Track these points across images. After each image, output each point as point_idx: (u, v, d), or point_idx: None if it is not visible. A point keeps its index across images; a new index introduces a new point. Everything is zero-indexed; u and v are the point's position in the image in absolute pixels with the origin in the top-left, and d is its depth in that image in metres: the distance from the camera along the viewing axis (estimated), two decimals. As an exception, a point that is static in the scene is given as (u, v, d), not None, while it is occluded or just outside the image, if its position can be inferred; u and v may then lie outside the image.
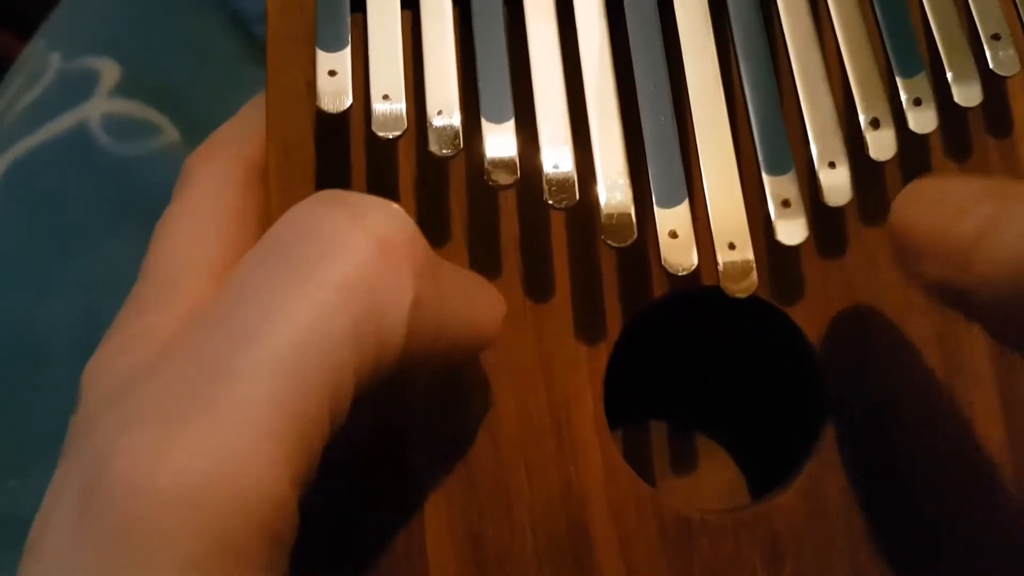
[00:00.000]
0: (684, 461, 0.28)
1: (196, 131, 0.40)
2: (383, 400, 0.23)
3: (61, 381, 0.33)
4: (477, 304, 0.21)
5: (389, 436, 0.23)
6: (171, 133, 0.40)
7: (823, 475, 0.23)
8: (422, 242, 0.19)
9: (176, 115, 0.40)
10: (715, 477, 0.27)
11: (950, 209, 0.18)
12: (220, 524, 0.16)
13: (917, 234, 0.19)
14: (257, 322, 0.17)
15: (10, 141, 0.40)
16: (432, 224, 0.23)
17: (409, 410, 0.23)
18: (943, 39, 0.23)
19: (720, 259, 0.22)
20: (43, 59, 0.42)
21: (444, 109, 0.22)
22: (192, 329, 0.18)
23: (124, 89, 0.40)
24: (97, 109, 0.40)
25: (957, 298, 0.19)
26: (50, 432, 0.24)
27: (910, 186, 0.20)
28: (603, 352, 0.23)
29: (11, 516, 0.32)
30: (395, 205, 0.19)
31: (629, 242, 0.22)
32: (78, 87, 0.40)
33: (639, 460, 0.27)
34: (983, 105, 0.23)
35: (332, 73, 0.22)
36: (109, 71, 0.41)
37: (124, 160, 0.38)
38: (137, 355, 0.21)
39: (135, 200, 0.37)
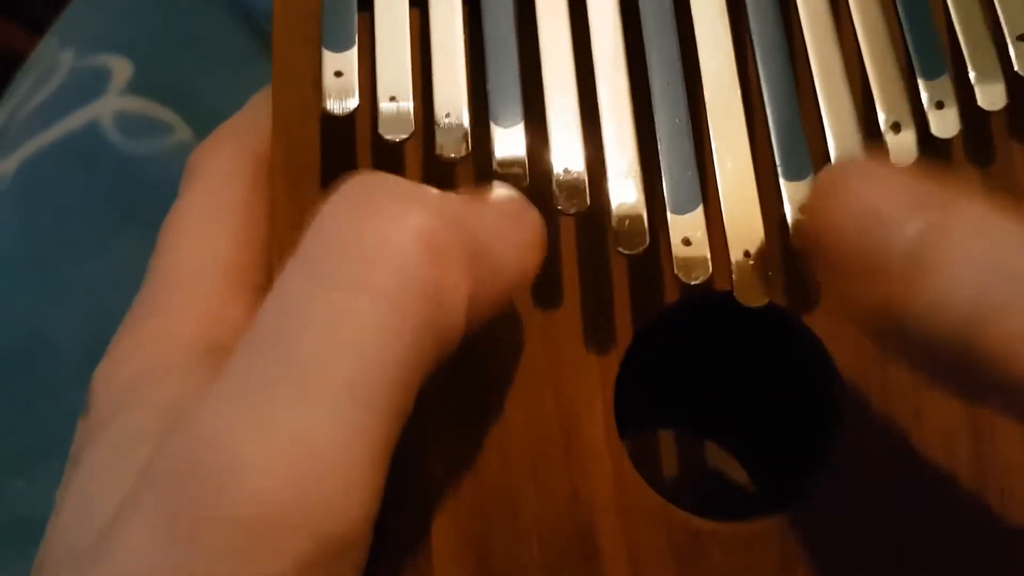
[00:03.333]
0: (695, 470, 0.27)
1: (208, 129, 0.39)
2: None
3: (69, 382, 0.33)
4: (520, 239, 0.20)
5: (397, 444, 0.22)
6: (183, 131, 0.40)
7: (837, 486, 0.23)
8: (464, 227, 0.18)
9: (188, 113, 0.40)
10: (726, 487, 0.27)
11: (878, 220, 0.16)
12: (299, 543, 0.16)
13: (841, 254, 0.17)
14: (321, 350, 0.17)
15: (22, 139, 0.40)
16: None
17: (417, 417, 0.22)
18: (967, 40, 0.23)
19: (735, 267, 0.22)
20: (55, 57, 0.42)
21: (452, 110, 0.22)
22: (246, 355, 0.17)
23: (136, 87, 0.40)
24: (109, 107, 0.40)
25: (889, 327, 0.17)
26: (57, 433, 0.24)
27: (832, 172, 0.18)
28: (613, 360, 0.23)
29: (18, 517, 0.33)
30: (429, 191, 0.19)
31: (641, 249, 0.21)
32: (90, 85, 0.40)
33: (649, 469, 0.27)
34: (1007, 108, 0.23)
35: (338, 74, 0.21)
36: (121, 69, 0.41)
37: (135, 158, 0.38)
38: (147, 358, 0.21)
39: (145, 198, 0.37)
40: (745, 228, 0.22)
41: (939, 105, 0.22)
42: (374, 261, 0.17)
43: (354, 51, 0.22)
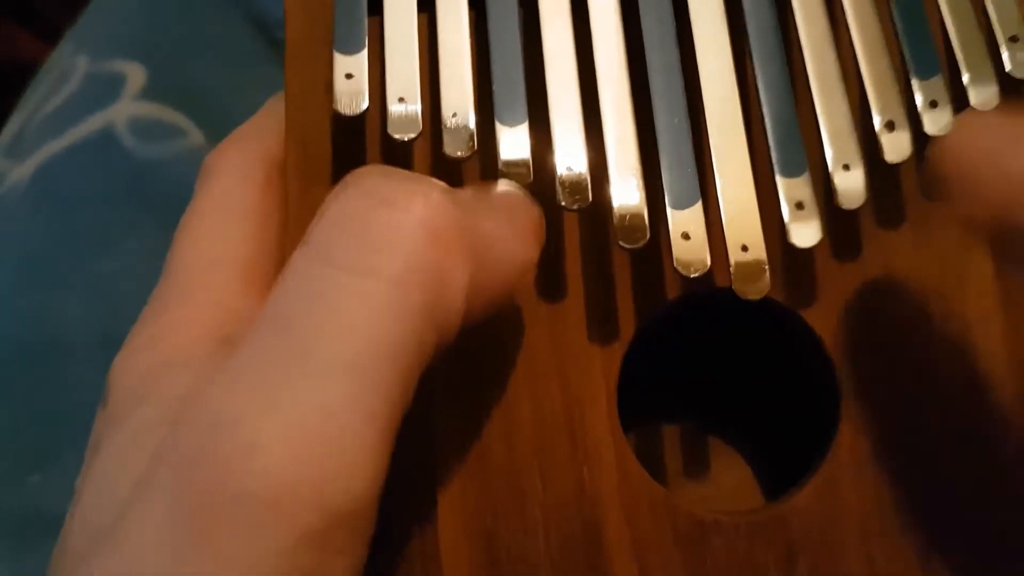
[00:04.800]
0: (697, 462, 0.28)
1: (220, 133, 0.40)
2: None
3: (84, 378, 0.34)
4: (519, 233, 0.21)
5: (404, 436, 0.23)
6: (196, 135, 0.40)
7: (837, 476, 0.23)
8: (466, 218, 0.19)
9: (201, 117, 0.41)
10: (728, 478, 0.27)
11: (1004, 137, 0.18)
12: (308, 517, 0.16)
13: (966, 161, 0.18)
14: (324, 334, 0.17)
15: (37, 145, 0.40)
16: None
17: (424, 410, 0.23)
18: (960, 41, 0.23)
19: (733, 261, 0.22)
20: (70, 62, 0.42)
21: (459, 111, 0.22)
22: (258, 336, 0.18)
23: (150, 92, 0.40)
24: (123, 112, 0.40)
25: (1006, 239, 0.18)
26: (73, 428, 0.25)
27: (961, 116, 0.19)
28: (617, 353, 0.23)
29: (34, 511, 0.33)
30: (433, 182, 0.19)
31: (642, 244, 0.22)
32: (105, 90, 0.41)
33: (652, 461, 0.27)
34: (1000, 108, 0.23)
35: (349, 76, 0.22)
36: (135, 74, 0.41)
37: (149, 162, 0.39)
38: (163, 351, 0.21)
39: (159, 200, 0.37)
40: (743, 223, 0.22)
41: (933, 104, 0.23)
42: (381, 247, 0.18)
43: (364, 54, 0.22)
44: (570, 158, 0.22)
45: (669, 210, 0.22)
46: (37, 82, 0.44)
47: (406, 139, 0.22)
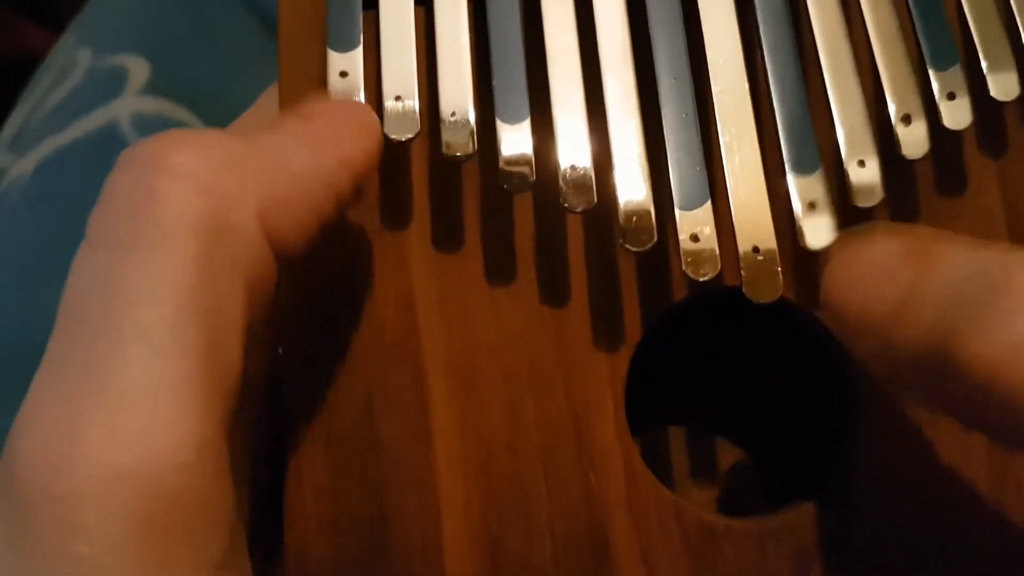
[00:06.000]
0: (707, 467, 0.27)
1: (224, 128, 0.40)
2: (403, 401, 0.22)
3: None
4: (339, 148, 0.20)
5: (406, 442, 0.22)
6: (199, 130, 0.40)
7: (850, 481, 0.22)
8: (235, 145, 0.19)
9: (204, 113, 0.41)
10: (739, 483, 0.27)
11: (876, 279, 0.19)
12: (136, 501, 0.16)
13: (848, 311, 0.19)
14: (110, 311, 0.17)
15: (39, 139, 0.40)
16: (446, 227, 0.23)
17: (428, 415, 0.22)
18: (979, 30, 0.23)
19: (744, 263, 0.21)
20: (73, 56, 0.42)
21: (458, 109, 0.22)
22: (53, 340, 0.18)
23: (153, 87, 0.40)
24: (127, 108, 0.40)
25: (888, 369, 0.19)
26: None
27: (837, 256, 0.20)
28: (623, 356, 0.23)
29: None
30: (206, 132, 0.19)
31: (649, 246, 0.21)
32: (108, 85, 0.41)
33: (660, 465, 0.27)
34: (1021, 99, 0.22)
35: (343, 74, 0.22)
36: (138, 69, 0.41)
37: None
38: None
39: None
40: (754, 223, 0.22)
41: (951, 96, 0.22)
42: (142, 211, 0.18)
43: (359, 51, 0.22)
44: (574, 157, 0.22)
45: (677, 211, 0.22)
46: (39, 76, 0.44)
47: (403, 139, 0.21)
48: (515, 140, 0.22)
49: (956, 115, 0.22)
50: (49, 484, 0.16)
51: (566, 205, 0.21)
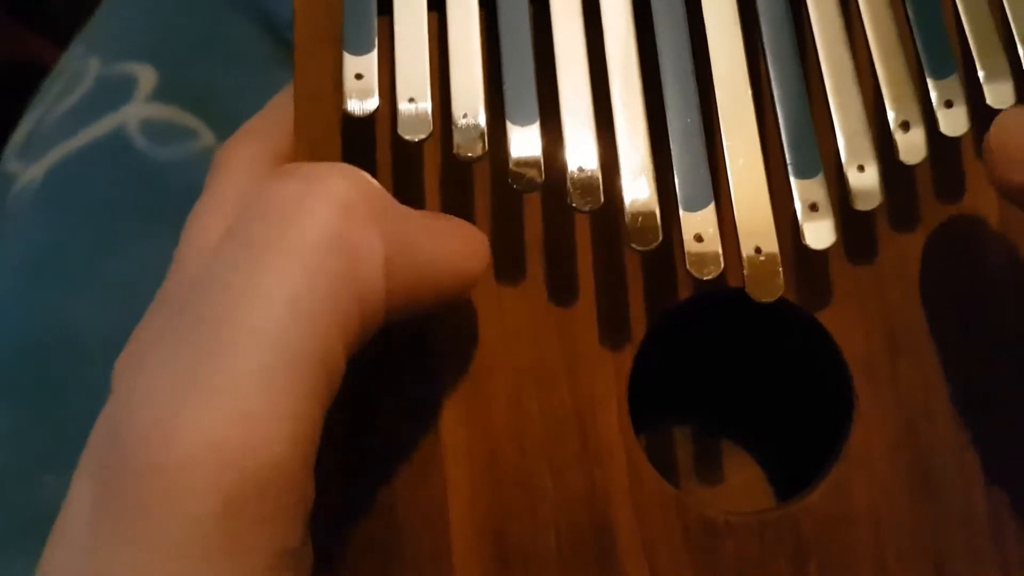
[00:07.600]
0: (708, 463, 0.28)
1: (231, 134, 0.40)
2: (408, 401, 0.23)
3: (97, 379, 0.34)
4: (456, 246, 0.21)
5: (414, 437, 0.23)
6: (207, 137, 0.40)
7: (849, 477, 0.23)
8: (384, 196, 0.20)
9: (212, 119, 0.41)
10: (739, 479, 0.27)
11: None
12: (224, 476, 0.17)
13: (1013, 145, 0.20)
14: (236, 302, 0.18)
15: (49, 146, 0.40)
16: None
17: (436, 411, 0.23)
18: (976, 39, 0.23)
19: (746, 263, 0.22)
20: (82, 64, 0.43)
21: (469, 111, 0.22)
22: (162, 313, 0.18)
23: (161, 94, 0.41)
24: (135, 114, 0.40)
25: None
26: (86, 429, 0.25)
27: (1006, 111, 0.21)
28: (628, 354, 0.23)
29: (48, 511, 0.33)
30: (353, 168, 0.20)
31: (654, 245, 0.22)
32: (116, 92, 0.41)
33: (663, 462, 0.27)
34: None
35: (359, 76, 0.22)
36: (147, 76, 0.41)
37: (161, 163, 0.39)
38: None
39: (170, 202, 0.38)
40: (756, 225, 0.22)
41: (948, 104, 0.23)
42: (292, 216, 0.18)
43: (374, 55, 0.22)
44: (582, 158, 0.22)
45: (682, 212, 0.22)
46: (49, 84, 0.44)
47: (416, 140, 0.22)
48: (524, 142, 0.22)
49: (953, 122, 0.23)
50: (150, 455, 0.17)
51: (573, 205, 0.22)
